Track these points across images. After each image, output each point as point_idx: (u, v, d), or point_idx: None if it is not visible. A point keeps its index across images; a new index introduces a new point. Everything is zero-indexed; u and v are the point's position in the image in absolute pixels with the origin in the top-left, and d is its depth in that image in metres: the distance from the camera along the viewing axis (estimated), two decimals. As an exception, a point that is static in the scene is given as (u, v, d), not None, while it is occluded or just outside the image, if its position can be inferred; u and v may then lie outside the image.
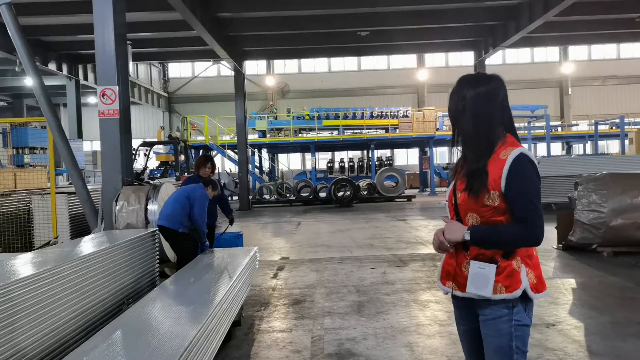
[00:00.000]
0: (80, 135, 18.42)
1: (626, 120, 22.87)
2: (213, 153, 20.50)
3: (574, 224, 7.54)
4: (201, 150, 20.30)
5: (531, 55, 30.05)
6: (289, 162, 28.62)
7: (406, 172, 23.26)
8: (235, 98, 17.81)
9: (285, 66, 29.99)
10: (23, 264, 3.39)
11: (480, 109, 1.98)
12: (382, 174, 19.73)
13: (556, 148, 27.44)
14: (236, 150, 18.80)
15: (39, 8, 12.87)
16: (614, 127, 24.50)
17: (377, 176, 19.74)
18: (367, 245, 9.20)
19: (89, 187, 7.55)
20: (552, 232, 8.18)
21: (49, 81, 18.32)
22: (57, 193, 7.77)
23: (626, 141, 20.85)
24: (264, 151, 23.76)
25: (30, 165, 14.22)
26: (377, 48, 18.73)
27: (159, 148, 20.55)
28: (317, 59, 28.80)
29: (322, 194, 19.21)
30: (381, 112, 22.69)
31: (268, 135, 22.43)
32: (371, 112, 22.70)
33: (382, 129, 22.72)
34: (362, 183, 19.46)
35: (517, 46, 18.90)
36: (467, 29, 16.57)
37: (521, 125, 27.43)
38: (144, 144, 18.46)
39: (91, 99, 24.80)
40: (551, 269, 6.74)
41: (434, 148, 22.74)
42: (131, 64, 15.11)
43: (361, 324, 4.67)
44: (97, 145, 13.82)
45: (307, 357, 3.96)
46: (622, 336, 4.17)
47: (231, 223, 6.53)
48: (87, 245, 4.32)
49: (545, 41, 18.87)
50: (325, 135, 23.07)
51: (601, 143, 25.49)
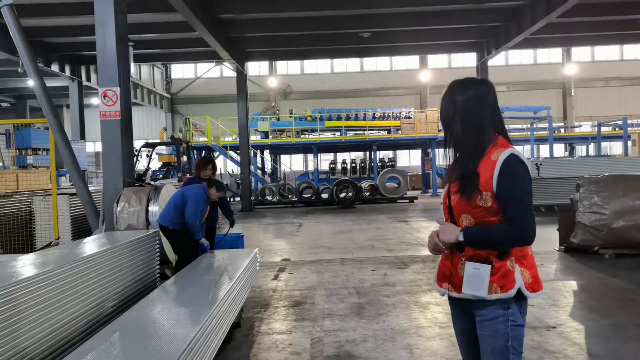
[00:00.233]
0: (83, 136, 18.43)
1: (629, 121, 22.81)
2: (215, 154, 20.54)
3: (576, 226, 7.52)
4: (203, 151, 20.30)
5: (534, 56, 30.00)
6: (291, 164, 28.64)
7: (408, 174, 23.27)
8: (237, 99, 17.80)
9: (287, 67, 30.00)
10: (24, 265, 3.41)
11: (470, 113, 2.02)
12: (385, 175, 19.71)
13: (559, 149, 27.39)
14: (238, 151, 18.79)
15: (42, 9, 12.90)
16: (617, 129, 24.46)
17: (380, 177, 19.72)
18: (368, 246, 9.20)
19: (91, 188, 7.58)
20: (554, 234, 8.17)
21: (52, 82, 18.37)
22: (59, 194, 7.80)
23: (629, 143, 20.78)
24: (266, 152, 23.77)
25: (33, 166, 14.27)
26: (380, 49, 18.72)
27: (162, 149, 20.59)
28: (320, 60, 28.80)
29: (324, 195, 19.21)
30: (383, 113, 22.72)
31: (270, 136, 22.43)
32: (373, 113, 22.72)
33: (385, 130, 22.72)
34: (364, 184, 19.46)
35: (520, 47, 18.88)
36: (470, 30, 16.53)
37: (524, 126, 27.48)
38: (147, 145, 18.45)
39: (94, 100, 24.83)
40: (552, 271, 6.73)
41: (437, 149, 22.69)
42: (133, 65, 15.20)
43: (361, 326, 4.67)
44: (100, 146, 13.84)
45: (307, 359, 3.96)
46: (623, 339, 4.16)
47: (232, 225, 6.50)
48: (88, 246, 4.34)
49: (548, 42, 18.81)
50: (327, 136, 23.09)
51: (604, 144, 25.40)
